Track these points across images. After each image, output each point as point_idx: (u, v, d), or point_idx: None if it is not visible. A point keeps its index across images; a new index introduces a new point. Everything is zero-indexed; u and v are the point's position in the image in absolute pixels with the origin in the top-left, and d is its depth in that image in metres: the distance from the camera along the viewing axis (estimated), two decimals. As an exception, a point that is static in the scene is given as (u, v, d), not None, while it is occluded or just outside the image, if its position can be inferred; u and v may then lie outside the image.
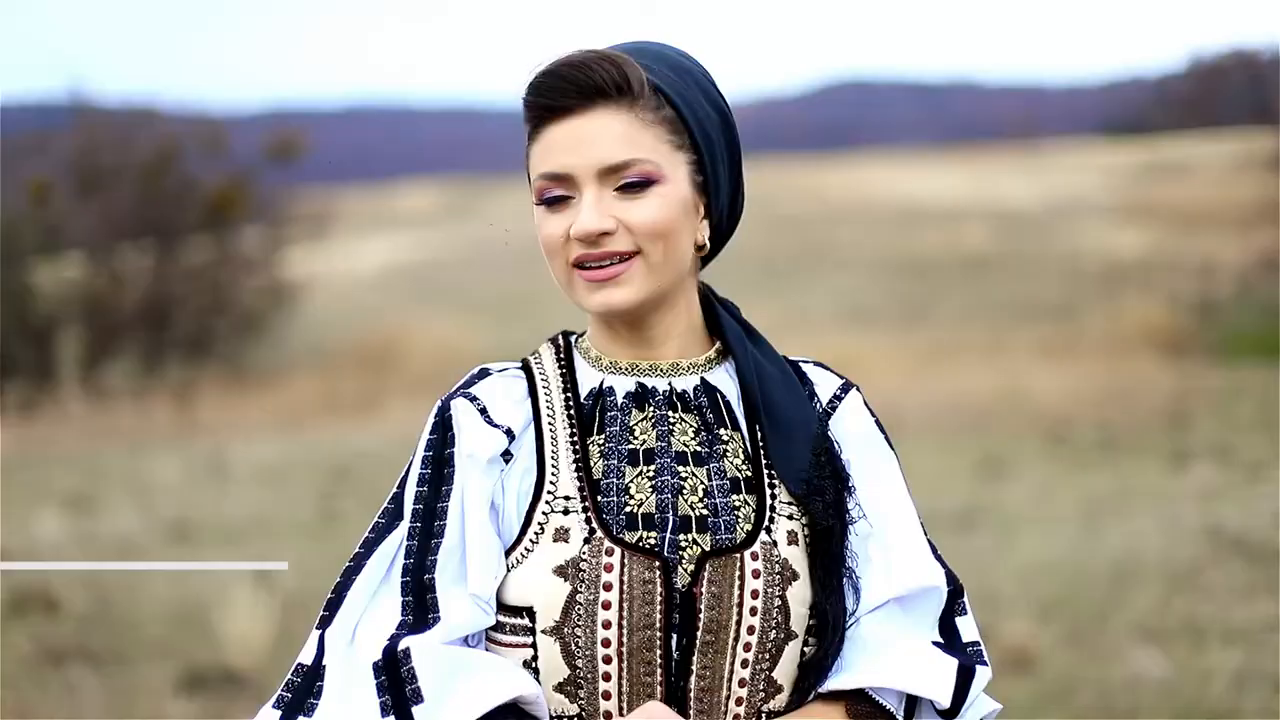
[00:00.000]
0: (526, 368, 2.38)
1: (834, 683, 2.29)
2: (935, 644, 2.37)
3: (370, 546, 2.32)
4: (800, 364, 2.44)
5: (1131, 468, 13.12)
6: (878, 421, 2.43)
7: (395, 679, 2.21)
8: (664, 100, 2.28)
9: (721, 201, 2.36)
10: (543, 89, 2.26)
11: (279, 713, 2.29)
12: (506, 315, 24.04)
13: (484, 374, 2.38)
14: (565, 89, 2.24)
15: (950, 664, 2.34)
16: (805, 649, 2.29)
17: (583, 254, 2.26)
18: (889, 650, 2.32)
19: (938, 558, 2.44)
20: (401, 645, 2.23)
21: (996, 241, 33.61)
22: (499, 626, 2.28)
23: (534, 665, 2.26)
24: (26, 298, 27.51)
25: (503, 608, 2.28)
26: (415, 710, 2.20)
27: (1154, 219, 32.65)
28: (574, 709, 2.26)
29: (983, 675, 2.37)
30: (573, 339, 2.42)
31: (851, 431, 2.39)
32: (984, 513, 11.57)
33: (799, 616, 2.27)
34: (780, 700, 2.29)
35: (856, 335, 25.50)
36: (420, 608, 2.26)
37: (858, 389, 2.45)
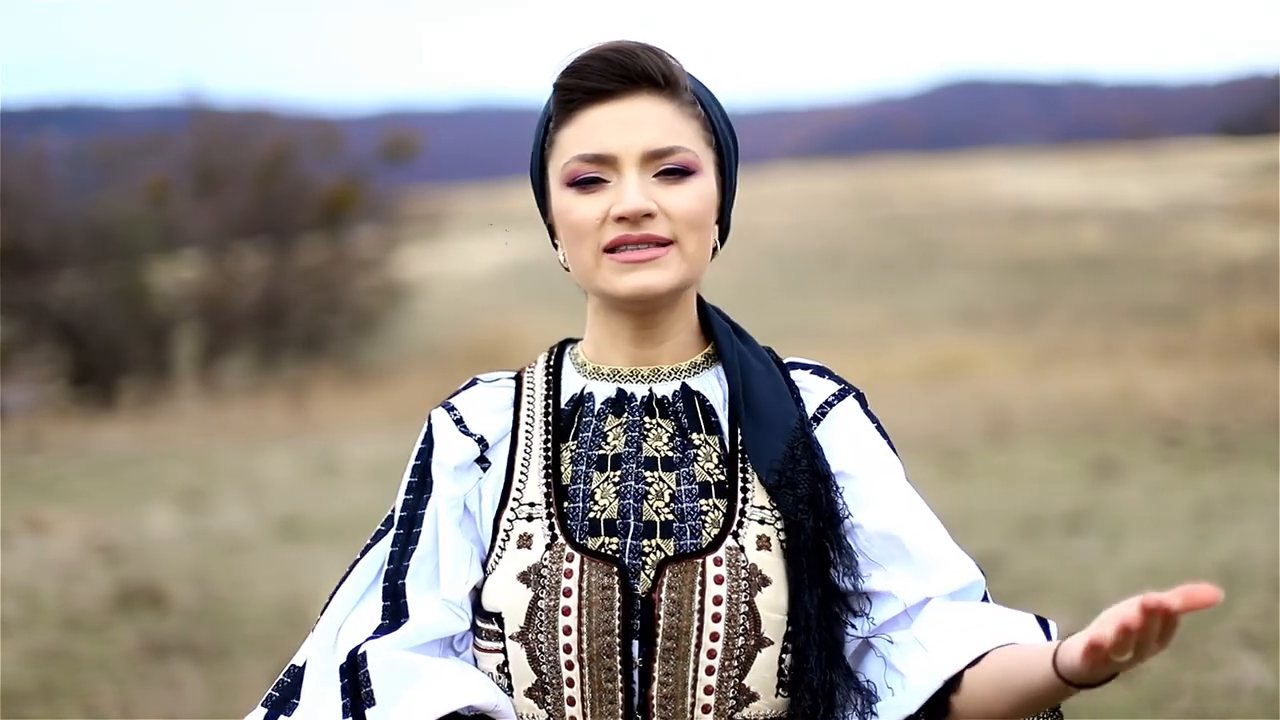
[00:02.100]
0: (518, 376, 2.39)
1: (941, 669, 2.21)
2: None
3: (364, 553, 2.36)
4: (798, 367, 2.39)
5: (1244, 472, 12.94)
6: (880, 428, 2.38)
7: (354, 681, 2.24)
8: (698, 100, 2.29)
9: (727, 210, 2.34)
10: (586, 72, 2.23)
11: (264, 711, 2.33)
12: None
13: (473, 384, 2.39)
14: (610, 71, 2.23)
15: (1027, 617, 2.28)
16: (785, 657, 2.23)
17: (622, 236, 2.23)
18: (973, 617, 2.26)
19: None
20: (362, 648, 2.25)
21: (1112, 242, 33.31)
22: (478, 631, 2.29)
23: (506, 670, 2.26)
24: (144, 297, 27.84)
25: (481, 613, 2.29)
26: (368, 713, 2.22)
27: (1272, 219, 32.19)
28: (542, 714, 2.26)
29: (1054, 626, 2.30)
30: (568, 347, 2.41)
31: (845, 438, 2.33)
32: (1093, 515, 11.46)
33: (772, 623, 2.22)
34: (757, 708, 2.24)
35: (968, 336, 25.33)
36: (394, 611, 2.28)
37: (858, 396, 2.38)
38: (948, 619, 2.25)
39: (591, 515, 2.25)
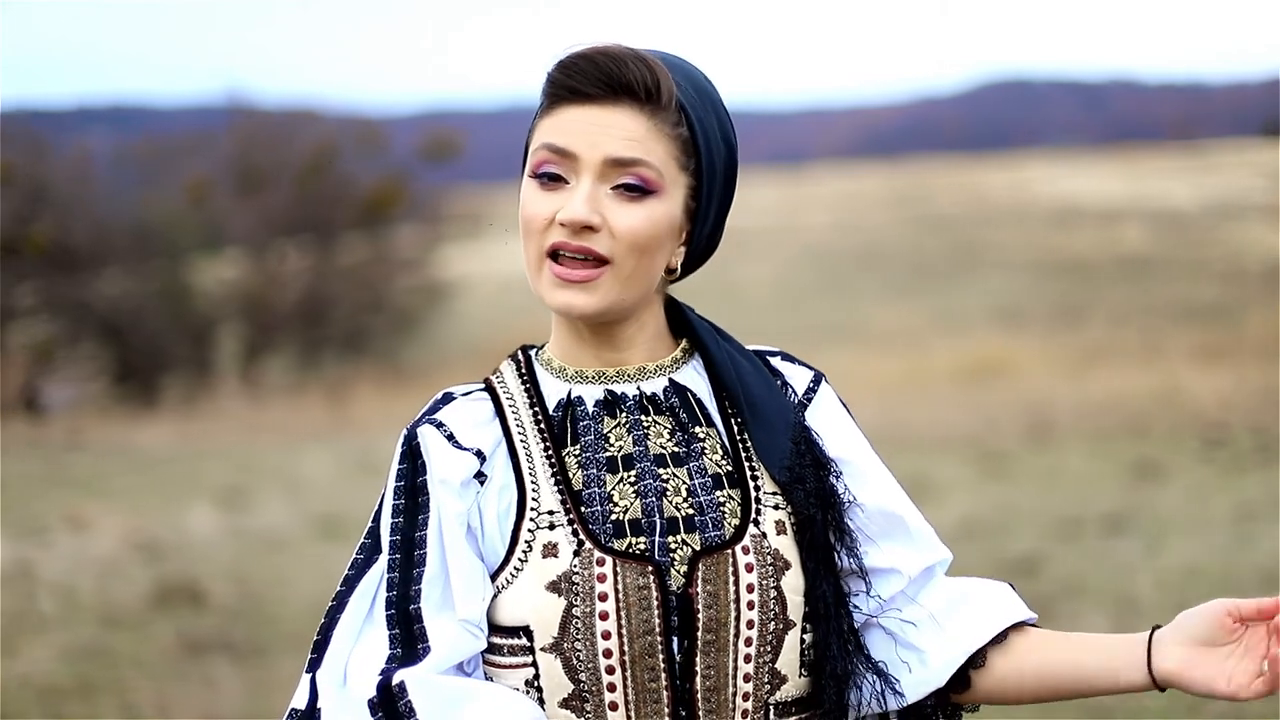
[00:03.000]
0: (489, 388, 2.35)
1: (979, 635, 2.28)
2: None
3: (351, 584, 2.29)
4: (767, 355, 2.40)
5: (1288, 473, 12.87)
6: (847, 409, 2.40)
7: (393, 714, 2.18)
8: (684, 119, 2.25)
9: (704, 232, 2.31)
10: (573, 70, 2.23)
11: None
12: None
13: (448, 399, 2.35)
14: (596, 76, 2.21)
15: (1004, 585, 2.37)
16: (805, 637, 2.26)
17: (560, 242, 2.21)
18: (979, 592, 2.34)
19: None
20: (396, 679, 2.19)
21: (1155, 242, 33.19)
22: (495, 649, 2.25)
23: (536, 684, 2.23)
24: (186, 296, 27.97)
25: (497, 629, 2.25)
26: None
27: (1317, 220, 32.04)
28: None
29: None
30: (533, 353, 2.38)
31: (829, 421, 2.35)
32: (1134, 517, 11.42)
33: (795, 605, 2.24)
34: (786, 690, 2.26)
35: (1008, 336, 25.27)
36: (408, 639, 2.23)
37: (826, 379, 2.40)
38: (953, 594, 2.32)
39: (614, 517, 2.24)
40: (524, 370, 2.35)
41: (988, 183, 43.66)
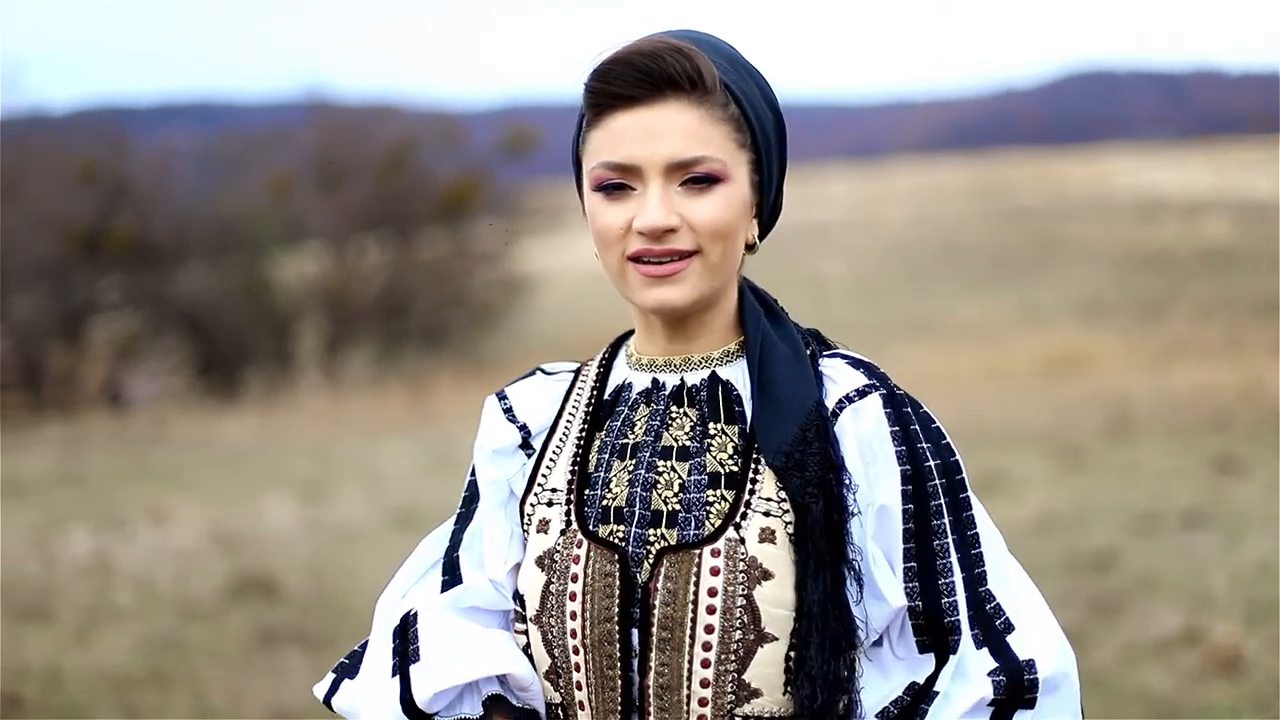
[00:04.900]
0: (578, 370, 2.40)
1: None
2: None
3: (431, 532, 2.46)
4: (827, 357, 2.31)
5: (1370, 469, 12.74)
6: (903, 433, 2.24)
7: (404, 640, 2.33)
8: (730, 97, 2.23)
9: (769, 201, 2.30)
10: (611, 76, 2.19)
11: (332, 676, 2.44)
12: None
13: (533, 374, 2.43)
14: (636, 78, 2.18)
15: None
16: (791, 654, 2.19)
17: (643, 249, 2.21)
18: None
19: None
20: (412, 610, 2.35)
21: (1239, 235, 32.90)
22: (516, 615, 2.34)
23: (528, 652, 2.31)
24: (267, 290, 28.14)
25: (515, 596, 2.33)
26: (412, 669, 2.31)
27: (1404, 212, 31.67)
28: (557, 696, 2.29)
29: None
30: (627, 339, 2.41)
31: (855, 435, 2.23)
32: (1213, 512, 11.33)
33: (774, 618, 2.18)
34: (761, 704, 2.20)
35: (1089, 330, 25.10)
36: (450, 583, 2.37)
37: (887, 394, 2.25)
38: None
39: (605, 503, 2.26)
40: (606, 356, 2.40)
41: (1069, 175, 43.39)
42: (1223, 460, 13.54)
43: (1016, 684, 2.19)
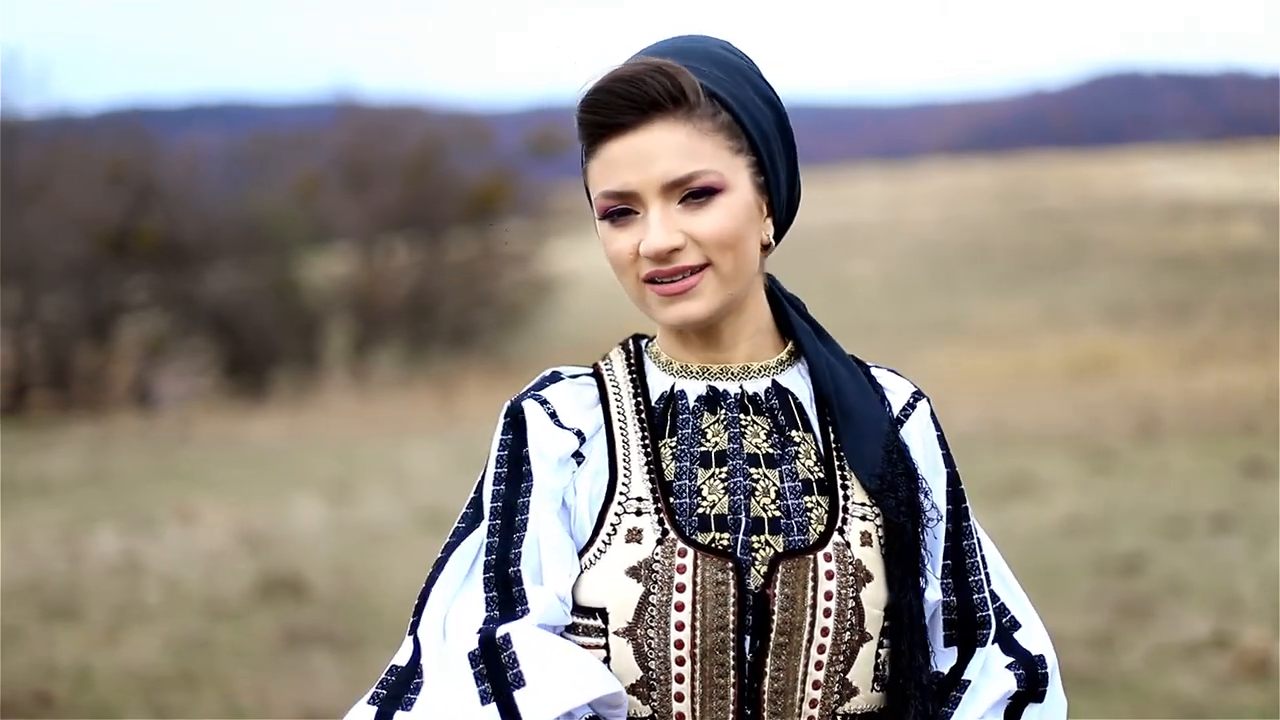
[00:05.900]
0: (597, 373, 2.37)
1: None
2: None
3: (450, 550, 2.31)
4: (872, 369, 2.39)
5: (1400, 472, 12.69)
6: (941, 435, 2.38)
7: (495, 665, 2.20)
8: (719, 105, 2.23)
9: (782, 196, 2.31)
10: (597, 106, 2.21)
11: (375, 709, 2.25)
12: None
13: (556, 377, 2.37)
14: (620, 105, 2.19)
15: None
16: (880, 651, 2.26)
17: (654, 270, 2.22)
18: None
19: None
20: (500, 631, 2.21)
21: (1268, 238, 32.76)
22: (571, 627, 2.26)
23: (606, 666, 2.23)
24: (295, 291, 28.20)
25: (576, 608, 2.26)
26: (517, 695, 2.19)
27: None
28: (646, 710, 2.24)
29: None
30: (644, 343, 2.39)
31: (922, 442, 2.34)
32: (1241, 515, 11.30)
33: (873, 618, 2.24)
34: (857, 703, 2.25)
35: (1117, 333, 25.03)
36: (507, 600, 2.24)
37: (927, 400, 2.39)
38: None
39: (700, 511, 2.24)
40: (633, 360, 2.37)
41: (1097, 177, 43.29)
42: (1251, 463, 13.50)
43: (1033, 678, 2.32)
